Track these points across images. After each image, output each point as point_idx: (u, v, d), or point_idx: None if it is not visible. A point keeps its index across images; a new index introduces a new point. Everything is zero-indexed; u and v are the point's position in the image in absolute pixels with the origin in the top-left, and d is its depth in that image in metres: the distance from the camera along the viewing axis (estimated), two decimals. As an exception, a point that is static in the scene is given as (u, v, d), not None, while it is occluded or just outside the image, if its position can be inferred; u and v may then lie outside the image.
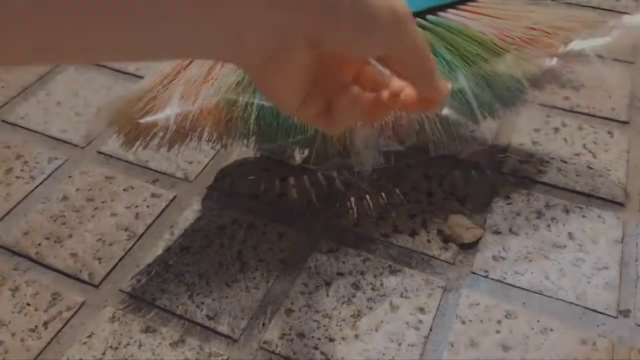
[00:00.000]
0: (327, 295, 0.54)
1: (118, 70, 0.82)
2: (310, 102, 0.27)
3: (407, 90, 0.29)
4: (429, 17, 0.56)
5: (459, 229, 0.59)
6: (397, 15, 0.24)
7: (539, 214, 0.61)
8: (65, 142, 0.72)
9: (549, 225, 0.59)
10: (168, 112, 0.51)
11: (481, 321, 0.52)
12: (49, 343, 0.51)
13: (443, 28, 0.55)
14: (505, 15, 0.57)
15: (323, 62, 0.26)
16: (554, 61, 0.54)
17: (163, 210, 0.63)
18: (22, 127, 0.74)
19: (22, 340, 0.52)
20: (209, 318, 0.53)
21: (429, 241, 0.58)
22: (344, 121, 0.28)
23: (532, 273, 0.55)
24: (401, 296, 0.54)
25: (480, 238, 0.58)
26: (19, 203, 0.64)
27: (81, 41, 0.19)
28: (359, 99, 0.28)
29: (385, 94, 0.29)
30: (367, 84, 0.29)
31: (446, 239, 0.58)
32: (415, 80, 0.28)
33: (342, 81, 0.28)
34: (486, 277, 0.55)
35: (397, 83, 0.29)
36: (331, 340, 0.51)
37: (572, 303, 0.53)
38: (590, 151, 0.67)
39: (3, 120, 0.75)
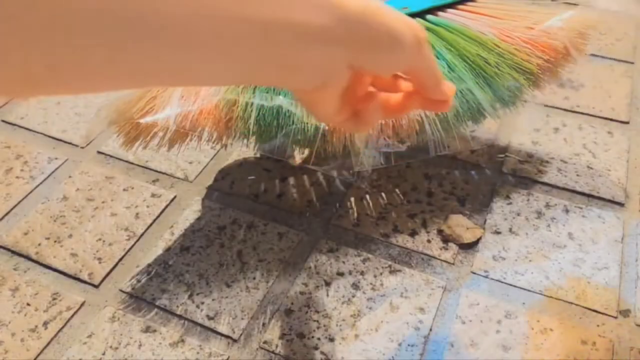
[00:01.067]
0: (327, 295, 0.54)
1: (118, 70, 0.82)
2: (342, 110, 0.31)
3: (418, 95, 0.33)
4: (429, 17, 0.56)
5: (459, 229, 0.59)
6: (418, 40, 0.28)
7: (539, 214, 0.61)
8: (65, 142, 0.72)
9: (549, 225, 0.59)
10: (168, 112, 0.51)
11: (481, 321, 0.52)
12: (49, 343, 0.51)
13: (443, 28, 0.55)
14: (505, 15, 0.57)
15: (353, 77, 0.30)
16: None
17: (163, 210, 0.63)
18: (22, 127, 0.74)
19: (22, 340, 0.52)
20: (209, 318, 0.53)
21: (429, 241, 0.58)
22: (372, 122, 0.33)
23: (532, 273, 0.55)
24: (401, 296, 0.54)
25: (480, 238, 0.58)
26: (19, 203, 0.64)
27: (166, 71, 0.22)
28: (386, 103, 0.32)
29: (400, 95, 0.33)
30: (381, 86, 0.32)
31: (446, 239, 0.58)
32: (425, 90, 0.31)
33: (365, 89, 0.32)
34: (486, 277, 0.55)
35: (407, 85, 0.32)
36: (331, 340, 0.51)
37: (572, 303, 0.53)
38: (590, 151, 0.67)
39: (3, 120, 0.75)
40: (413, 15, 0.55)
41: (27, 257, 0.59)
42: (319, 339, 0.51)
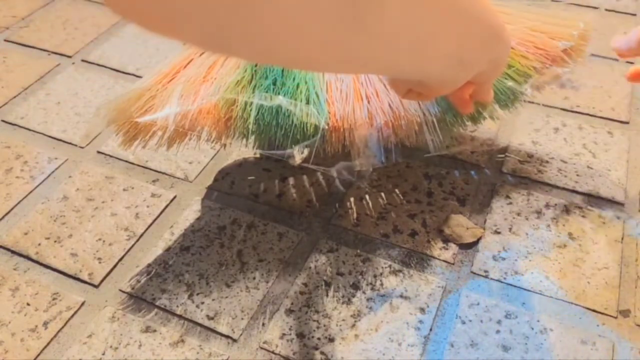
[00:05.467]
0: (327, 295, 0.54)
1: (118, 70, 0.82)
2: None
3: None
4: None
5: (459, 229, 0.59)
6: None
7: (539, 214, 0.60)
8: (65, 142, 0.72)
9: (549, 225, 0.59)
10: (167, 111, 0.51)
11: (481, 321, 0.52)
12: (49, 343, 0.51)
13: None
14: (505, 17, 0.57)
15: None
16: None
17: (163, 210, 0.63)
18: (22, 127, 0.74)
19: (22, 340, 0.52)
20: (209, 318, 0.53)
21: (429, 241, 0.58)
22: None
23: (532, 273, 0.55)
24: (401, 296, 0.54)
25: (480, 238, 0.58)
26: (19, 203, 0.64)
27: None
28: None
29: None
30: None
31: (446, 239, 0.58)
32: (482, 90, 0.39)
33: None
34: (486, 277, 0.55)
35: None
36: (331, 340, 0.51)
37: (572, 303, 0.53)
38: (590, 151, 0.67)
39: (3, 120, 0.75)
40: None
41: (27, 257, 0.59)
42: (319, 339, 0.51)
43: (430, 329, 0.51)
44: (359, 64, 0.27)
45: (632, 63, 0.80)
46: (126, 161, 0.69)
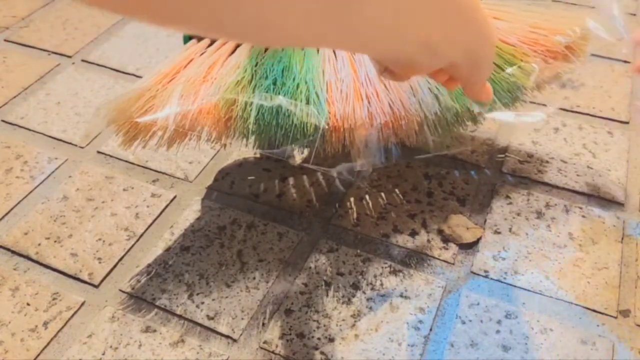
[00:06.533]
0: (327, 295, 0.54)
1: (118, 70, 0.82)
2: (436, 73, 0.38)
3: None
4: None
5: (459, 229, 0.59)
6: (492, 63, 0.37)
7: (539, 214, 0.60)
8: (65, 142, 0.72)
9: (549, 226, 0.59)
10: (167, 111, 0.51)
11: (481, 321, 0.52)
12: (49, 343, 0.51)
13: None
14: (504, 16, 0.57)
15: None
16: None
17: (163, 210, 0.63)
18: (22, 127, 0.74)
19: (22, 340, 0.52)
20: (209, 318, 0.53)
21: (429, 241, 0.58)
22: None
23: (532, 273, 0.55)
24: (401, 296, 0.54)
25: (480, 238, 0.58)
26: (19, 203, 0.64)
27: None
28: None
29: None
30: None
31: (446, 239, 0.58)
32: (473, 90, 0.39)
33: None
34: (486, 277, 0.55)
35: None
36: (331, 340, 0.51)
37: (572, 303, 0.53)
38: (590, 151, 0.67)
39: (3, 120, 0.75)
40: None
41: (27, 257, 0.59)
42: (319, 339, 0.51)
43: (430, 329, 0.51)
44: (337, 39, 0.27)
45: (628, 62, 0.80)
46: (126, 161, 0.69)
